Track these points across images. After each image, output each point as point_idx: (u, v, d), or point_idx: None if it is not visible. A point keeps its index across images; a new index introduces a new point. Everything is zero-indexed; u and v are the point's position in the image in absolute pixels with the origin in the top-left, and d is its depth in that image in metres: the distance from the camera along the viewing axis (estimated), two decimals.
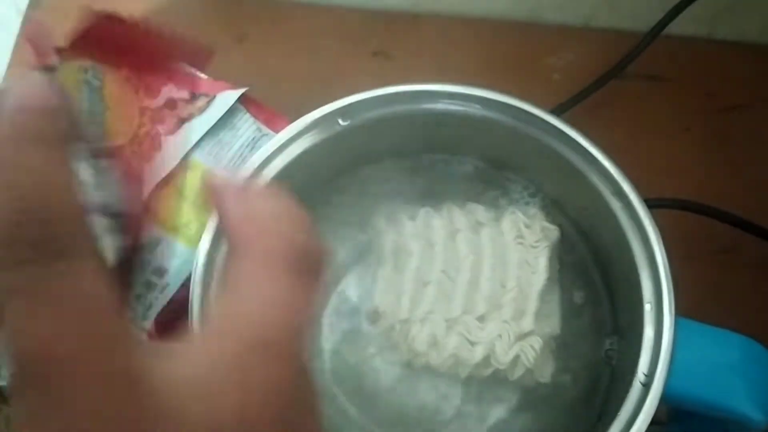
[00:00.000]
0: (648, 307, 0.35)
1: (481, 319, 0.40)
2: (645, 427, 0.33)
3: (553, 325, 0.41)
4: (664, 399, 0.34)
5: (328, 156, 0.42)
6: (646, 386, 0.34)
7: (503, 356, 0.40)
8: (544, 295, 0.41)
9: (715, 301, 0.47)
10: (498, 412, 0.40)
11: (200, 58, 0.44)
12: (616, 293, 0.41)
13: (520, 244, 0.42)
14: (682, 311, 0.36)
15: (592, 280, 0.42)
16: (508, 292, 0.41)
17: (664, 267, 0.35)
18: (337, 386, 0.41)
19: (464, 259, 0.41)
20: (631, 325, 0.37)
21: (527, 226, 0.42)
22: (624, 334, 0.39)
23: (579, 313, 0.42)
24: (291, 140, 0.40)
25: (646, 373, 0.34)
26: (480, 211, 0.43)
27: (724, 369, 0.36)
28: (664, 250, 0.36)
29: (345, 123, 0.41)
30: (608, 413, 0.37)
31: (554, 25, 0.62)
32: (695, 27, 0.59)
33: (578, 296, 0.42)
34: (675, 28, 0.55)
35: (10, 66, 0.62)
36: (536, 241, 0.42)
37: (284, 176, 0.40)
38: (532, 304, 0.41)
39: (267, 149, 0.39)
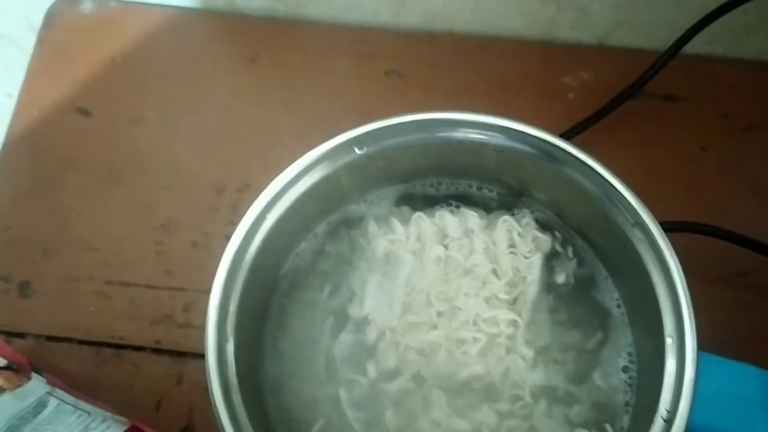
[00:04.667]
0: (669, 341, 0.35)
1: (472, 329, 0.40)
2: None
3: (544, 336, 0.41)
4: None
5: (344, 183, 0.42)
6: (669, 423, 0.33)
7: (495, 367, 0.40)
8: (536, 306, 0.41)
9: (732, 327, 0.46)
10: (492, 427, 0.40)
11: None
12: (634, 322, 0.41)
13: (513, 253, 0.42)
14: (700, 340, 0.35)
15: (610, 306, 0.42)
16: (500, 303, 0.41)
17: (686, 301, 0.35)
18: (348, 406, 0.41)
19: (456, 267, 0.42)
20: (651, 357, 0.37)
21: (520, 236, 0.42)
22: (644, 366, 0.39)
23: (594, 337, 0.41)
24: (307, 169, 0.40)
25: (668, 409, 0.34)
26: (473, 218, 0.43)
27: (745, 403, 0.36)
28: (686, 284, 0.35)
29: (361, 151, 0.40)
30: None
31: (569, 44, 0.61)
32: (712, 46, 0.59)
33: (595, 325, 0.42)
34: (692, 47, 0.54)
35: (24, 83, 0.62)
36: (528, 251, 0.42)
37: (300, 203, 0.40)
38: (525, 316, 0.41)
39: (283, 178, 0.39)
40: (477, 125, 0.40)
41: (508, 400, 0.40)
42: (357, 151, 0.40)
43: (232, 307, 0.37)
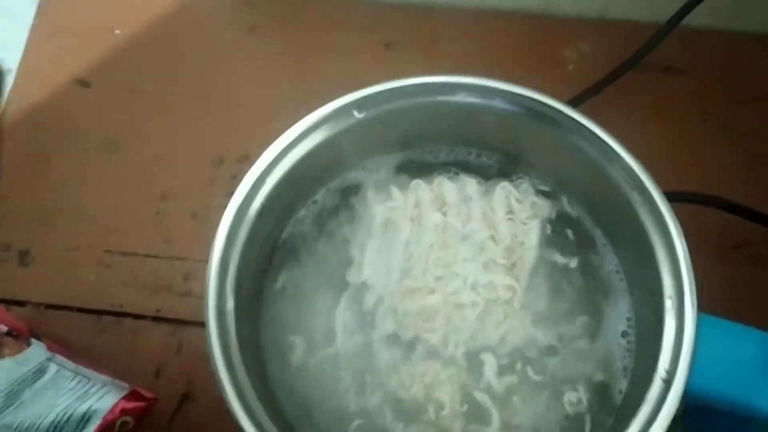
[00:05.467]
0: (669, 303, 0.35)
1: (470, 294, 0.40)
2: (666, 424, 0.33)
3: (542, 302, 0.41)
4: (684, 395, 0.34)
5: (343, 149, 0.42)
6: (668, 383, 0.33)
7: (492, 332, 0.40)
8: (534, 271, 0.41)
9: (732, 295, 0.46)
10: (492, 393, 0.39)
11: None
12: (633, 287, 0.41)
13: (511, 219, 0.42)
14: (699, 306, 0.35)
15: (609, 272, 0.42)
16: (498, 269, 0.41)
17: (686, 262, 0.35)
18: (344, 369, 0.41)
19: (454, 233, 0.42)
20: (650, 322, 0.37)
21: (518, 202, 0.42)
22: (643, 331, 0.39)
23: (593, 303, 0.41)
24: (307, 132, 0.40)
25: (667, 369, 0.34)
26: (471, 185, 0.43)
27: (744, 365, 0.35)
28: (686, 245, 0.35)
29: (361, 115, 0.40)
30: (627, 409, 0.36)
31: (569, 16, 0.61)
32: (713, 18, 0.58)
33: (594, 291, 0.41)
34: (693, 19, 0.54)
35: (24, 54, 0.62)
36: (527, 217, 0.42)
37: (299, 167, 0.40)
38: (523, 281, 0.41)
39: (284, 140, 0.39)
40: (478, 89, 0.40)
41: (505, 365, 0.40)
42: (357, 114, 0.40)
43: (232, 268, 0.37)
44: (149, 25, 0.62)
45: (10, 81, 0.61)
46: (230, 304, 0.37)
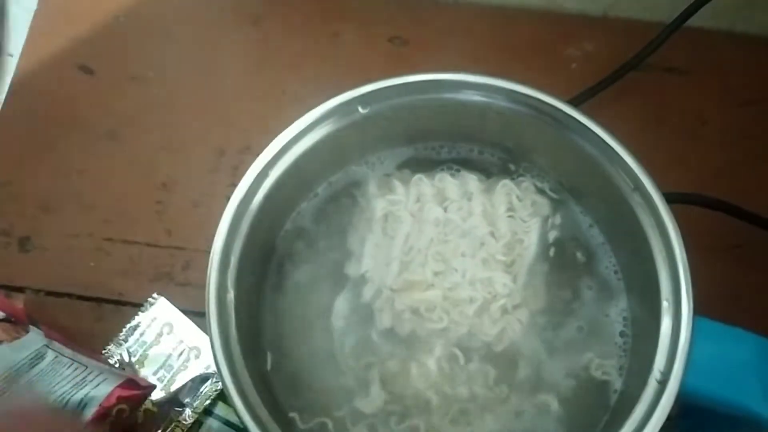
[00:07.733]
0: (665, 304, 0.35)
1: (468, 289, 0.41)
2: (660, 424, 0.33)
3: (540, 300, 0.41)
4: (678, 396, 0.34)
5: (346, 143, 0.42)
6: (662, 384, 0.34)
7: (489, 328, 0.40)
8: (532, 269, 0.42)
9: (727, 297, 0.46)
10: (487, 389, 0.40)
11: None
12: (630, 287, 0.41)
13: (511, 217, 0.42)
14: (696, 303, 0.35)
15: (607, 271, 0.42)
16: (497, 265, 0.41)
17: (684, 265, 0.35)
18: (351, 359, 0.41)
19: (454, 229, 0.42)
20: (646, 323, 0.37)
21: (519, 199, 0.43)
22: (639, 332, 0.39)
23: (589, 303, 0.41)
24: (311, 126, 0.40)
25: (662, 370, 0.34)
26: (472, 181, 0.43)
27: (739, 367, 0.36)
28: (683, 247, 0.36)
29: (365, 111, 0.40)
30: (621, 408, 0.37)
31: (573, 14, 0.61)
32: (716, 21, 0.59)
33: (591, 290, 0.42)
34: (696, 21, 0.55)
35: (27, 40, 0.62)
36: (527, 215, 0.43)
37: (302, 161, 0.41)
38: (521, 278, 0.41)
39: (287, 135, 0.39)
40: (481, 87, 0.40)
41: (501, 361, 0.40)
42: (361, 110, 0.40)
43: (233, 260, 0.37)
44: (154, 13, 0.62)
45: (12, 66, 0.61)
46: (231, 295, 0.37)
